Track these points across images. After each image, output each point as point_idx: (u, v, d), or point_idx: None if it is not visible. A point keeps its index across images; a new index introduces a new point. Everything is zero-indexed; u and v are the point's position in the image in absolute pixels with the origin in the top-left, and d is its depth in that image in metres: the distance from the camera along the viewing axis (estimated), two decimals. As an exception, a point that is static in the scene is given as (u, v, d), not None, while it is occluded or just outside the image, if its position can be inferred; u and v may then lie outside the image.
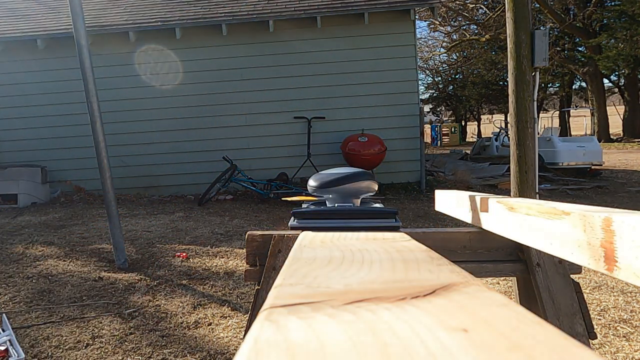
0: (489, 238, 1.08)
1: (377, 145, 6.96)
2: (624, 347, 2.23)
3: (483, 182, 7.89)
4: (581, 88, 27.32)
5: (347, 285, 0.35)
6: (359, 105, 7.35)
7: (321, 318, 0.27)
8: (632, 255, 0.47)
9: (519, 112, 2.67)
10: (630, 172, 9.68)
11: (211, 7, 7.78)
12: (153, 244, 4.38)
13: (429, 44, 30.44)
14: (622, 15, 18.04)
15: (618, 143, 19.68)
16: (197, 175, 7.44)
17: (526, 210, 0.72)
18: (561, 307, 1.06)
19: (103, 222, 5.37)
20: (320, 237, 0.63)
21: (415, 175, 7.57)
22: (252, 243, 1.09)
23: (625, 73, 20.92)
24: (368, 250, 0.51)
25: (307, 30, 7.45)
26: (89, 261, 3.84)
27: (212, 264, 3.69)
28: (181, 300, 2.92)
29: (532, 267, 1.08)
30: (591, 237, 0.55)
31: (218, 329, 2.49)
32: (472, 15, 23.24)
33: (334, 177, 0.84)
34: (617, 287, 3.03)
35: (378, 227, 0.74)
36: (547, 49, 2.70)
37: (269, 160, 7.52)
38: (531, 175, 2.67)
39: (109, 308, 2.82)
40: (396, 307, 0.29)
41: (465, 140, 28.97)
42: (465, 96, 31.31)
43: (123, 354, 2.24)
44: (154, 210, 6.35)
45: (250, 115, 7.51)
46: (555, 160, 8.85)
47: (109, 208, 3.60)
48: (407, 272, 0.40)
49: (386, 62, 7.40)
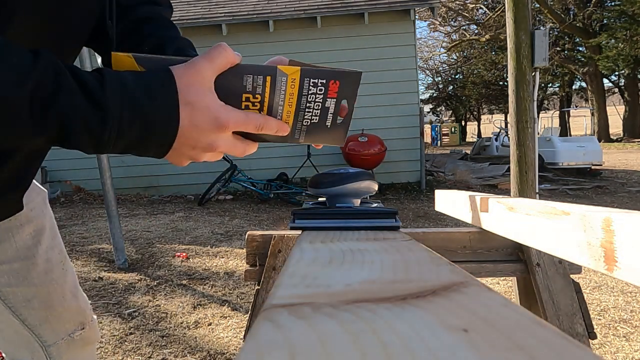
0: (489, 238, 1.08)
1: (377, 145, 6.96)
2: (624, 347, 2.23)
3: (483, 182, 7.90)
4: (581, 88, 27.33)
5: (347, 285, 0.35)
6: (359, 105, 7.34)
7: (322, 318, 0.27)
8: (632, 255, 0.47)
9: (519, 112, 2.67)
10: (630, 172, 9.68)
11: (211, 7, 7.79)
12: (153, 244, 4.38)
13: (429, 44, 30.47)
14: (622, 15, 18.05)
15: (618, 143, 19.68)
16: (197, 175, 7.44)
17: (526, 210, 0.72)
18: (561, 307, 1.06)
19: (103, 222, 5.37)
20: (320, 237, 0.63)
21: (415, 175, 7.57)
22: (252, 243, 1.09)
23: (625, 73, 20.92)
24: (368, 250, 0.51)
25: (307, 30, 7.45)
26: (89, 261, 3.84)
27: (212, 264, 3.69)
28: (181, 300, 2.92)
29: (532, 267, 1.08)
30: (591, 237, 0.55)
31: (218, 329, 2.49)
32: (472, 15, 23.24)
33: (333, 177, 0.84)
34: (617, 287, 3.03)
35: (378, 227, 0.74)
36: (547, 49, 2.70)
37: (269, 160, 7.53)
38: (531, 175, 2.68)
39: (109, 308, 2.82)
40: (397, 307, 0.29)
41: (465, 140, 28.99)
42: (465, 96, 31.33)
43: (123, 354, 2.24)
44: (154, 210, 6.35)
45: (250, 115, 7.50)
46: (555, 160, 8.85)
47: (109, 208, 3.60)
48: (407, 272, 0.40)
49: (386, 62, 7.40)
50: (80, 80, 0.45)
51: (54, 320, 0.84)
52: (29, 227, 0.82)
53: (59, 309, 0.85)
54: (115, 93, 0.46)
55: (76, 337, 0.88)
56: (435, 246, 1.07)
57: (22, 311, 0.82)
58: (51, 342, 0.85)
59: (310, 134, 0.58)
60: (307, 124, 0.56)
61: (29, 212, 0.81)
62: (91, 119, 0.45)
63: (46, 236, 0.84)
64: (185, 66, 0.50)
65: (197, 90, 0.50)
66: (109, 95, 0.45)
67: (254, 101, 0.53)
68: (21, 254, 0.80)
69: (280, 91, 0.52)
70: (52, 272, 0.84)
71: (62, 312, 0.85)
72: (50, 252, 0.85)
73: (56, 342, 0.85)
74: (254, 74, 0.51)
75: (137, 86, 0.47)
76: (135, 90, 0.47)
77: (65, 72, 0.44)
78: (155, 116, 0.48)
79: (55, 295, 0.84)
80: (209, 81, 0.50)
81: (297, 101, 0.53)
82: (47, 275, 0.83)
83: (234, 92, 0.52)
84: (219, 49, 0.50)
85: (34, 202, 0.83)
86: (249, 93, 0.52)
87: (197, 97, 0.50)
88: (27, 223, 0.81)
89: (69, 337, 0.87)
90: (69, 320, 0.87)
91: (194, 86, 0.50)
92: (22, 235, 0.81)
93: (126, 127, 0.47)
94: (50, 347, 0.85)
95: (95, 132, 0.46)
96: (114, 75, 0.47)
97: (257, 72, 0.51)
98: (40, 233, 0.83)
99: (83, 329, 0.89)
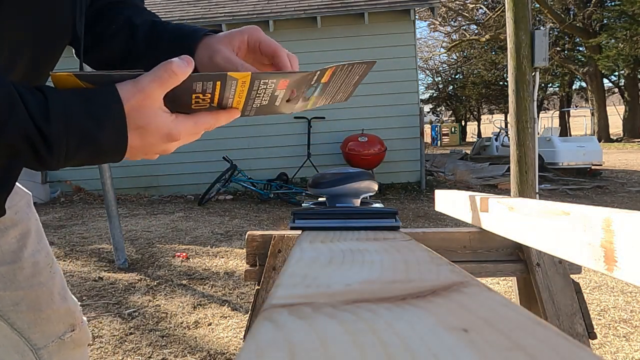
0: (489, 238, 1.08)
1: (377, 145, 6.96)
2: (624, 347, 2.23)
3: (483, 182, 7.90)
4: (581, 88, 27.33)
5: (347, 286, 0.35)
6: (359, 105, 7.35)
7: (322, 318, 0.27)
8: (632, 255, 0.47)
9: (519, 112, 2.67)
10: (630, 172, 9.68)
11: (211, 7, 7.79)
12: (153, 244, 4.38)
13: (429, 44, 30.49)
14: (622, 15, 18.05)
15: (618, 143, 19.68)
16: (197, 175, 7.44)
17: (526, 210, 0.72)
18: (561, 307, 1.07)
19: (103, 222, 5.37)
20: (320, 237, 0.63)
21: (415, 175, 7.57)
22: (252, 243, 1.09)
23: (625, 73, 20.93)
24: (368, 250, 0.51)
25: (307, 30, 7.45)
26: (89, 261, 3.84)
27: (212, 264, 3.69)
28: (181, 300, 2.92)
29: (532, 267, 1.08)
30: (591, 237, 0.55)
31: (218, 329, 2.49)
32: (472, 15, 23.25)
33: (334, 177, 0.84)
34: (617, 287, 3.03)
35: (378, 227, 0.74)
36: (547, 49, 2.70)
37: (269, 160, 7.53)
38: (531, 175, 2.68)
39: (109, 308, 2.82)
40: (397, 307, 0.29)
41: (465, 140, 28.98)
42: (465, 96, 31.33)
43: (123, 354, 2.24)
44: (154, 210, 6.35)
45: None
46: (555, 160, 8.85)
47: (109, 208, 3.60)
48: (407, 272, 0.40)
49: (386, 62, 7.39)
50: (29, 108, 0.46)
51: (43, 323, 0.84)
52: (14, 230, 0.81)
53: (48, 311, 0.84)
54: (61, 123, 0.46)
55: (67, 339, 0.87)
56: (435, 246, 1.07)
57: (10, 315, 0.81)
58: (41, 345, 0.84)
59: (260, 111, 0.61)
60: (256, 106, 0.59)
61: (14, 216, 0.81)
62: (40, 148, 0.47)
63: (32, 239, 0.84)
64: (134, 88, 0.49)
65: (147, 113, 0.50)
66: (53, 127, 0.46)
67: (204, 98, 0.54)
68: (7, 258, 0.80)
69: (231, 89, 0.53)
70: (39, 275, 0.84)
71: (51, 315, 0.85)
72: (37, 255, 0.84)
73: (46, 345, 0.84)
74: (203, 81, 0.51)
75: (84, 114, 0.47)
76: (81, 118, 0.47)
77: (18, 100, 0.45)
78: (103, 143, 0.49)
79: (44, 298, 0.84)
80: (158, 101, 0.51)
81: (247, 94, 0.55)
82: (35, 279, 0.83)
83: (182, 97, 0.53)
84: (169, 72, 0.49)
85: (17, 206, 0.82)
86: (199, 93, 0.53)
87: (147, 121, 0.50)
88: (12, 227, 0.81)
89: (59, 339, 0.86)
90: (59, 322, 0.86)
91: (143, 110, 0.50)
92: (7, 239, 0.80)
93: (72, 152, 0.48)
94: (41, 350, 0.84)
95: (44, 159, 0.48)
96: (58, 100, 0.47)
97: (207, 79, 0.51)
98: (25, 236, 0.83)
99: (73, 330, 0.89)
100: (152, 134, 0.51)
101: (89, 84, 0.50)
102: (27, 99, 0.46)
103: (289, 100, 0.60)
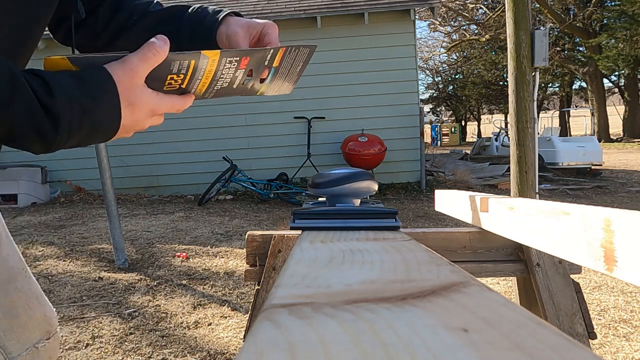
0: (489, 238, 1.08)
1: (377, 145, 6.96)
2: (624, 347, 2.23)
3: (483, 182, 7.90)
4: (581, 88, 27.33)
5: (347, 286, 0.35)
6: (359, 105, 7.35)
7: (322, 318, 0.27)
8: (632, 255, 0.47)
9: (519, 112, 2.67)
10: (630, 172, 9.68)
11: (211, 7, 7.78)
12: (153, 244, 4.38)
13: (429, 44, 30.48)
14: (622, 15, 18.04)
15: (618, 143, 19.68)
16: (197, 175, 7.44)
17: (526, 210, 0.72)
18: (561, 307, 1.07)
19: (103, 222, 5.38)
20: (320, 237, 0.63)
21: (415, 175, 7.57)
22: (252, 243, 1.09)
23: (625, 73, 20.92)
24: (368, 250, 0.51)
25: (307, 30, 7.45)
26: (89, 261, 3.84)
27: (212, 264, 3.69)
28: (181, 300, 2.92)
29: (532, 267, 1.08)
30: (591, 237, 0.55)
31: (218, 329, 2.49)
32: (472, 15, 23.25)
33: (333, 177, 0.84)
34: (617, 287, 3.03)
35: (378, 227, 0.74)
36: (547, 49, 2.70)
37: (269, 160, 7.53)
38: (531, 175, 2.68)
39: (109, 308, 2.82)
40: (396, 307, 0.29)
41: (465, 140, 28.98)
42: (465, 96, 31.32)
43: (123, 354, 2.24)
44: (154, 210, 6.35)
45: (250, 115, 7.50)
46: (555, 160, 8.85)
47: (109, 208, 3.60)
48: (407, 272, 0.40)
49: (386, 62, 7.39)
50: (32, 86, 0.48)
51: (19, 330, 0.82)
52: None
53: (24, 317, 0.83)
54: (64, 99, 0.49)
55: (40, 348, 0.85)
56: (435, 246, 1.07)
57: None
58: (15, 354, 0.82)
59: (219, 93, 0.67)
60: (217, 89, 0.65)
61: None
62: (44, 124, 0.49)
63: (3, 244, 0.82)
64: (123, 67, 0.54)
65: (136, 91, 0.55)
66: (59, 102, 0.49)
67: (177, 79, 0.59)
68: None
69: (201, 70, 0.59)
70: (15, 281, 0.82)
71: (27, 321, 0.83)
72: (10, 260, 0.83)
73: (20, 354, 0.82)
74: (180, 60, 0.56)
75: (82, 91, 0.51)
76: (80, 95, 0.51)
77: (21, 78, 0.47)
78: (101, 120, 0.53)
79: (20, 303, 0.82)
80: (142, 78, 0.55)
81: (213, 76, 0.61)
82: (10, 284, 0.81)
83: (161, 76, 0.57)
84: (153, 50, 0.54)
85: None
86: (174, 74, 0.58)
87: (136, 98, 0.55)
88: None
89: (34, 347, 0.84)
90: (35, 329, 0.85)
91: (133, 88, 0.55)
92: None
93: (76, 128, 0.51)
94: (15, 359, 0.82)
95: (47, 135, 0.50)
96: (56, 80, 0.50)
97: (184, 58, 0.56)
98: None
99: (48, 339, 0.87)
100: (140, 109, 0.56)
101: (79, 67, 0.53)
102: (28, 77, 0.48)
103: (244, 83, 0.66)
